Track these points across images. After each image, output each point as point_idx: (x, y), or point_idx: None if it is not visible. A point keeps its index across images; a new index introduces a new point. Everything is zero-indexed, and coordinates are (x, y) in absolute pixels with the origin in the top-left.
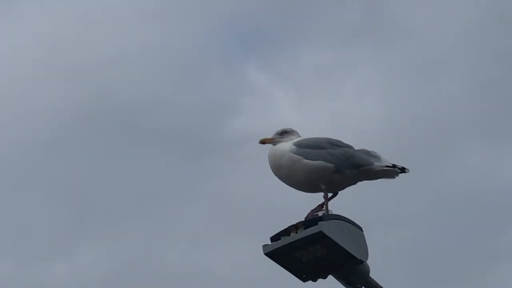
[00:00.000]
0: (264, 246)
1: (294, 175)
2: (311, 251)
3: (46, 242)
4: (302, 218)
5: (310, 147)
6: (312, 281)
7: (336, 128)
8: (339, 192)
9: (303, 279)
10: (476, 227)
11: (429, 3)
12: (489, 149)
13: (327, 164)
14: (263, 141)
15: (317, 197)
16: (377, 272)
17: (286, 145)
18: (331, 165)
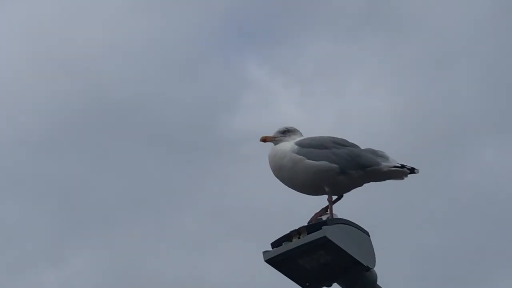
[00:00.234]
0: (264, 252)
1: (296, 176)
2: (315, 258)
3: (35, 248)
4: (305, 222)
5: (313, 146)
6: None
7: (341, 126)
8: (344, 194)
9: None
10: (490, 231)
11: None
12: (505, 149)
13: (331, 164)
14: (264, 139)
15: (321, 200)
16: (385, 280)
17: (287, 144)
18: (335, 166)
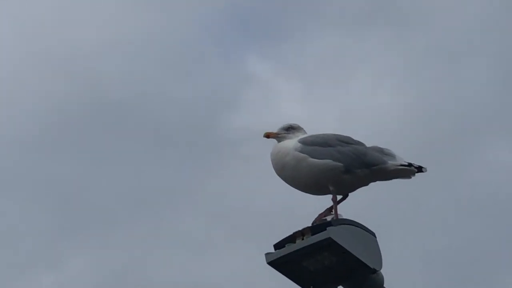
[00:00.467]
0: (266, 254)
1: (299, 175)
2: (319, 260)
3: (32, 249)
4: (308, 223)
5: (317, 144)
6: None
7: (346, 123)
8: (350, 194)
9: None
10: (501, 232)
11: None
12: None
13: (336, 163)
14: (268, 135)
15: (325, 200)
16: (391, 282)
17: (290, 142)
18: (340, 164)
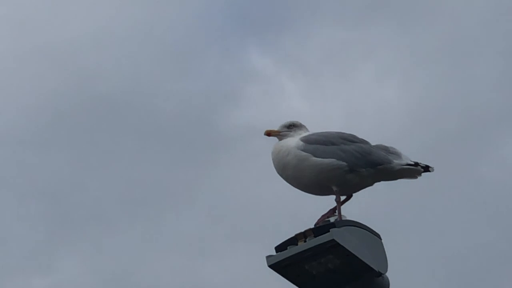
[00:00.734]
0: (268, 257)
1: (301, 175)
2: (322, 263)
3: (21, 253)
4: (311, 224)
5: (320, 142)
6: None
7: (350, 120)
8: (354, 194)
9: None
10: None
11: None
12: None
13: (340, 162)
14: (269, 133)
15: (329, 200)
16: (397, 286)
17: (292, 140)
18: (344, 164)
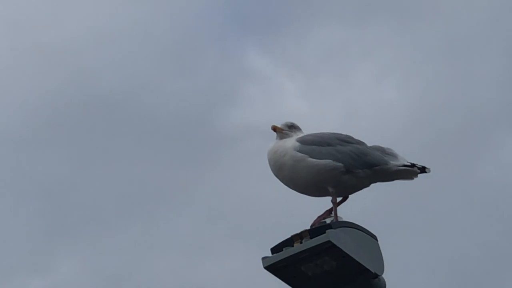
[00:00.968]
0: (263, 258)
1: (297, 176)
2: (318, 264)
3: (18, 255)
4: (307, 225)
5: (316, 143)
6: None
7: (349, 119)
8: (350, 195)
9: None
10: None
11: None
12: None
13: (336, 163)
14: (275, 128)
15: (325, 201)
16: (394, 287)
17: (289, 141)
18: (340, 165)
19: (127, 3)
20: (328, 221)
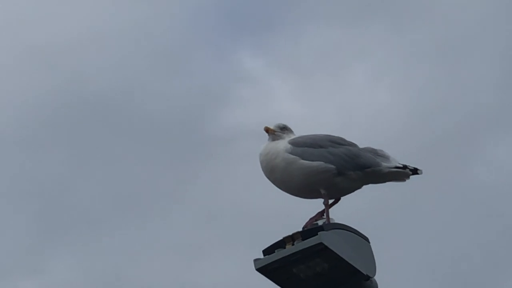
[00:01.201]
0: (255, 260)
1: (289, 178)
2: (310, 266)
3: (10, 255)
4: (299, 227)
5: (308, 145)
6: None
7: (343, 121)
8: (342, 197)
9: None
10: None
11: None
12: None
13: (328, 165)
14: (267, 129)
15: (317, 203)
16: None
17: (281, 143)
18: (332, 167)
19: (121, 5)
20: (320, 223)
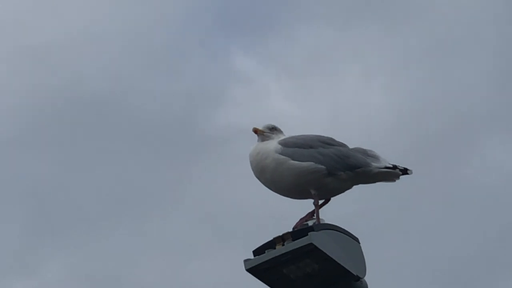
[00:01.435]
0: (245, 261)
1: (279, 179)
2: (300, 267)
3: (4, 256)
4: (289, 228)
5: (298, 146)
6: None
7: (336, 121)
8: (332, 198)
9: None
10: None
11: None
12: None
13: (318, 165)
14: (256, 130)
15: (307, 204)
16: None
17: (271, 143)
18: (322, 167)
19: (113, 5)
20: (310, 223)
